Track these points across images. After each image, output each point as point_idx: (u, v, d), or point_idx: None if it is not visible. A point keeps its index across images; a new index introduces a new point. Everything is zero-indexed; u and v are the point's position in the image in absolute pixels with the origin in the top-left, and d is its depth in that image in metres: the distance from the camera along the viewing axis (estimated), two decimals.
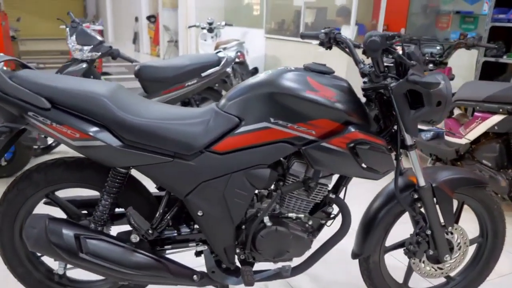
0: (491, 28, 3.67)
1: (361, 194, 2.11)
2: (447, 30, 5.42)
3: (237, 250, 1.54)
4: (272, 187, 1.53)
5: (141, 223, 1.40)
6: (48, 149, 3.39)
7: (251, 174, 1.41)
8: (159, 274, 1.44)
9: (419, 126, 1.50)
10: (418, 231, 1.64)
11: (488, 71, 4.07)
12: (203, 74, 3.36)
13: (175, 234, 1.54)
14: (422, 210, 1.61)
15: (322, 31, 1.59)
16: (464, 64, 4.64)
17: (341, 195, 1.59)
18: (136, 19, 11.23)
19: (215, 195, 1.43)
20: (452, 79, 3.47)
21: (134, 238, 1.46)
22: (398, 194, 1.53)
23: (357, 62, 1.46)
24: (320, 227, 1.60)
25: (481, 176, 1.68)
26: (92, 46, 3.14)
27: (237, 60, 5.68)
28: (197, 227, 1.54)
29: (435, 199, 1.59)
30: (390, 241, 1.74)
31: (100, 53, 3.17)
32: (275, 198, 1.47)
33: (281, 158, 1.50)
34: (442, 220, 1.63)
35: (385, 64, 1.46)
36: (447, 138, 3.07)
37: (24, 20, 9.45)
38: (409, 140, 1.50)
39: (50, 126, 1.32)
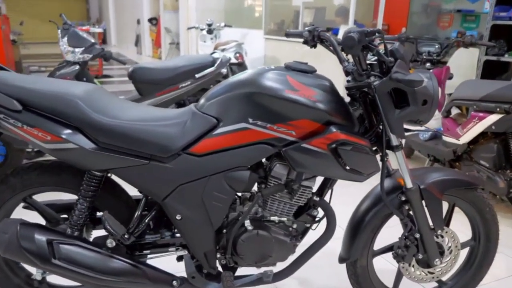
0: (492, 26, 3.60)
1: (351, 195, 2.06)
2: (449, 29, 5.35)
3: (218, 255, 1.50)
4: (255, 189, 1.49)
5: (116, 228, 1.37)
6: (42, 151, 3.37)
7: (230, 176, 1.37)
8: (136, 280, 1.40)
9: (407, 126, 1.45)
10: (406, 235, 1.59)
11: (490, 70, 3.99)
12: (197, 75, 3.33)
13: (154, 239, 1.51)
14: (411, 212, 1.56)
15: (306, 29, 1.55)
16: (465, 63, 4.57)
17: (327, 197, 1.54)
18: (138, 21, 11.26)
19: (193, 198, 1.39)
20: (450, 78, 3.41)
21: (110, 243, 1.43)
22: (384, 196, 1.48)
23: (341, 60, 1.42)
24: (305, 231, 1.55)
25: (472, 177, 1.63)
26: (83, 48, 3.12)
27: (235, 61, 5.65)
28: (177, 231, 1.50)
29: (423, 201, 1.54)
30: (379, 244, 1.69)
31: (92, 55, 3.15)
32: (256, 201, 1.43)
33: (263, 160, 1.46)
34: (431, 223, 1.57)
35: (369, 62, 1.42)
36: (444, 138, 3.01)
37: (27, 24, 9.48)
38: (394, 141, 1.45)
39: (21, 129, 1.29)
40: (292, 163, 1.36)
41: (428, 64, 3.27)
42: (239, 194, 1.53)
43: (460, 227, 1.75)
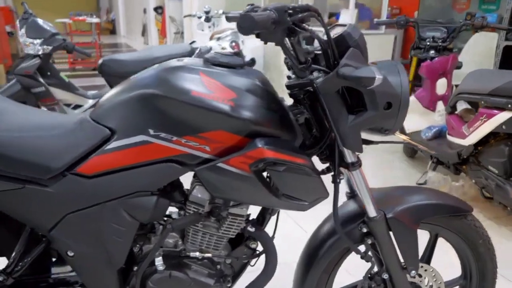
0: None
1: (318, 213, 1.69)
2: (466, 12, 4.84)
3: None
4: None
5: None
6: None
7: (129, 204, 1.05)
8: None
9: (368, 137, 1.09)
10: (371, 274, 1.24)
11: (511, 57, 3.54)
12: None
13: (45, 278, 1.20)
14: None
15: (246, 8, 1.19)
16: (482, 50, 4.08)
17: (272, 225, 1.21)
18: (145, 10, 10.99)
19: (86, 230, 1.07)
20: (459, 67, 2.97)
21: None
22: (338, 227, 1.13)
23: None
24: (242, 268, 1.22)
25: (459, 201, 1.25)
26: (43, 39, 2.83)
27: (231, 50, 5.30)
28: None
29: (391, 232, 1.18)
30: (340, 282, 1.34)
31: (52, 47, 2.85)
32: (165, 235, 1.11)
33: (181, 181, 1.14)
34: (403, 260, 1.21)
35: (315, 52, 1.06)
36: (449, 138, 2.60)
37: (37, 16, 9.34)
38: (349, 156, 1.09)
39: None
40: (208, 187, 1.03)
41: (432, 52, 2.84)
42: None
43: (452, 258, 1.38)
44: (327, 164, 1.16)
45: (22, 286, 1.20)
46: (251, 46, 6.10)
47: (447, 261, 1.55)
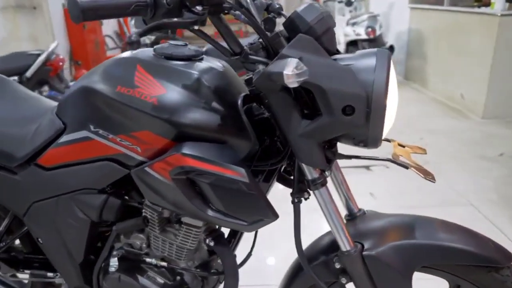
0: None
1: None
2: None
3: None
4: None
5: None
6: None
7: (79, 200, 1.04)
8: None
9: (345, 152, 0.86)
10: None
11: None
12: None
13: (35, 257, 1.28)
14: None
15: None
16: None
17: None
18: None
19: (47, 221, 1.10)
20: None
21: None
22: (304, 261, 0.93)
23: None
24: (205, 283, 1.12)
25: (494, 248, 0.89)
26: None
27: (365, 37, 4.90)
28: None
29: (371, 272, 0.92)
30: None
31: (155, 36, 3.10)
32: (112, 237, 1.08)
33: None
34: None
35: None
36: None
37: None
38: (309, 172, 0.87)
39: None
40: (141, 191, 0.95)
41: None
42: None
43: None
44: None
45: (14, 261, 1.30)
46: (395, 30, 5.56)
47: None
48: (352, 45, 5.22)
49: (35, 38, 5.08)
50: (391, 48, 4.92)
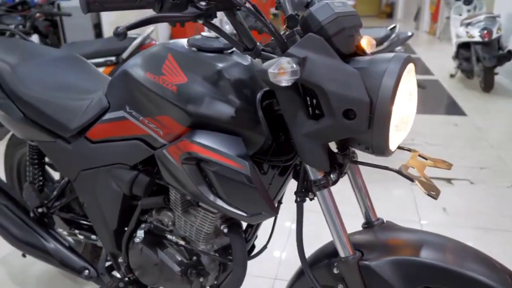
0: None
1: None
2: None
3: (120, 260, 1.30)
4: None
5: (31, 200, 1.40)
6: None
7: (113, 173, 1.14)
8: (45, 256, 1.40)
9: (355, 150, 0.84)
10: None
11: None
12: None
13: (77, 220, 1.46)
14: None
15: None
16: None
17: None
18: None
19: (90, 189, 1.23)
20: None
21: (32, 213, 1.46)
22: (304, 262, 0.94)
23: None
24: (222, 268, 1.17)
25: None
26: None
27: (479, 39, 4.41)
28: None
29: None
30: None
31: None
32: (138, 211, 1.18)
33: None
34: None
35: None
36: None
37: None
38: (312, 173, 0.88)
39: None
40: (161, 172, 1.02)
41: None
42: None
43: None
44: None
45: (68, 220, 1.51)
46: None
47: None
48: (464, 47, 4.77)
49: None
50: (510, 54, 4.37)
